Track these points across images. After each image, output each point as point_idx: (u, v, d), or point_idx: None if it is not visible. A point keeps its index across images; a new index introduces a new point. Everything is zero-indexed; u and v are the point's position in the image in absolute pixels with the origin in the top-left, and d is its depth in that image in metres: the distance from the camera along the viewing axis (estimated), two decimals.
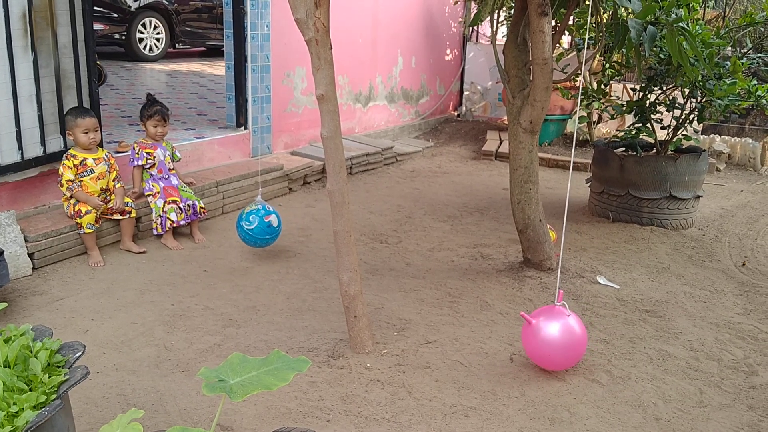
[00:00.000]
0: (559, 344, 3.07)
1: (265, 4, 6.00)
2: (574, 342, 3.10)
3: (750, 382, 3.21)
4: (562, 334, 3.07)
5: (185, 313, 3.73)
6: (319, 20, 2.98)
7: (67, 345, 2.16)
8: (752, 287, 4.34)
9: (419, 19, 8.60)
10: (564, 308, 3.13)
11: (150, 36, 11.01)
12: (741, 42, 6.96)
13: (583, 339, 3.14)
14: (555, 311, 3.12)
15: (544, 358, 3.15)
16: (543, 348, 3.11)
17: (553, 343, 3.07)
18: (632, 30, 3.76)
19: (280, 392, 2.97)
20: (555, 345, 3.07)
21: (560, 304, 3.14)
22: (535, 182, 4.25)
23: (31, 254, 4.10)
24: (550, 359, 3.14)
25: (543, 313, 3.15)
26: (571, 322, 3.09)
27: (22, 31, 4.13)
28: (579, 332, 3.11)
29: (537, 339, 3.10)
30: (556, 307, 3.14)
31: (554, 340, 3.07)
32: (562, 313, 3.11)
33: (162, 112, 4.75)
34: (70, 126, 4.34)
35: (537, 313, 3.17)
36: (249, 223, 4.28)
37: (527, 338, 3.15)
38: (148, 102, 4.78)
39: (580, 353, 3.17)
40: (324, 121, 3.15)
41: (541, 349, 3.12)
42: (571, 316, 3.11)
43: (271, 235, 4.36)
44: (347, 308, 3.31)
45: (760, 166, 7.66)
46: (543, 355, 3.13)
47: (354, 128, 7.79)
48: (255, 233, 4.29)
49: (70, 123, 4.33)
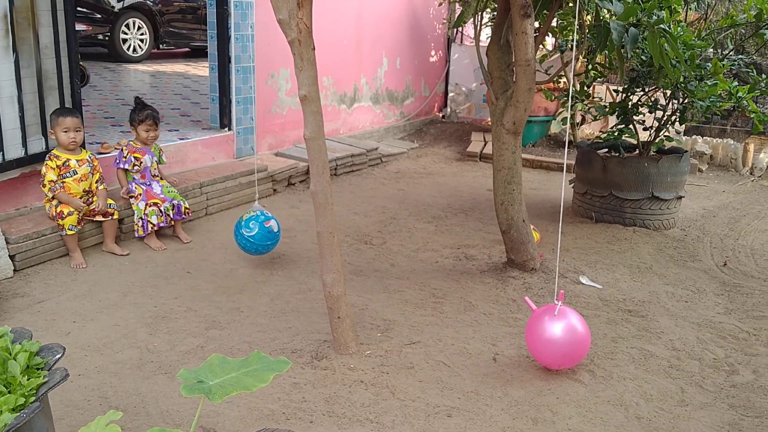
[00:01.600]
0: (567, 342, 3.10)
1: (249, 4, 5.99)
2: (580, 340, 3.14)
3: (731, 381, 3.23)
4: (570, 331, 3.10)
5: (168, 314, 3.71)
6: (301, 21, 2.98)
7: (47, 347, 2.15)
8: (733, 287, 4.38)
9: (404, 20, 8.61)
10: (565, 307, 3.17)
11: (134, 37, 10.95)
12: (722, 44, 7.02)
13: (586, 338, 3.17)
14: (560, 310, 3.15)
15: (550, 355, 3.17)
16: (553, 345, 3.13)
17: (564, 341, 3.10)
18: (614, 32, 3.78)
19: (263, 393, 2.96)
20: (564, 342, 3.10)
21: (559, 304, 3.16)
22: (519, 183, 4.27)
23: (12, 256, 4.07)
24: (556, 356, 3.16)
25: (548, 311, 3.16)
26: (573, 321, 3.13)
27: (4, 31, 4.10)
28: (582, 331, 3.14)
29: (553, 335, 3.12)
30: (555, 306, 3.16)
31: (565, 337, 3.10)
32: (566, 313, 3.13)
33: (153, 116, 4.72)
34: (52, 125, 4.31)
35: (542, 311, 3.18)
36: (249, 230, 4.19)
37: (537, 333, 3.16)
38: (138, 106, 4.74)
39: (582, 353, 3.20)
40: (307, 122, 3.14)
41: (551, 345, 3.13)
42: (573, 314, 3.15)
43: (272, 241, 4.28)
44: (331, 309, 3.31)
45: (741, 167, 7.73)
46: (551, 351, 3.15)
47: (339, 129, 7.78)
48: (256, 240, 4.20)
49: (52, 122, 4.31)
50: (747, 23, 5.18)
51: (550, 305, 3.20)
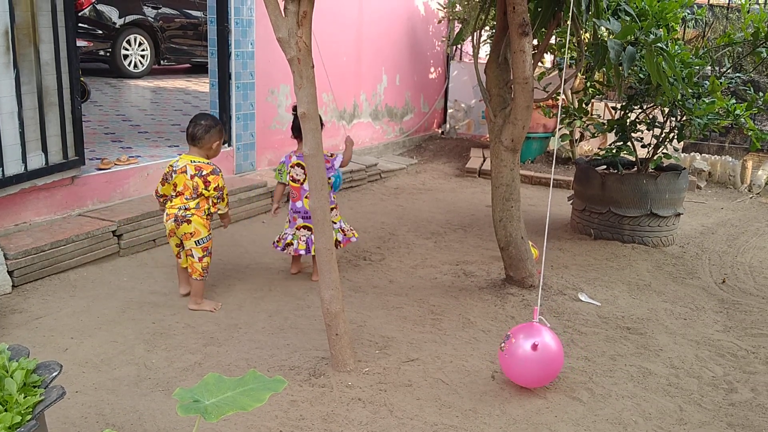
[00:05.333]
0: (536, 361, 3.10)
1: (249, 22, 6.03)
2: (551, 359, 3.12)
3: (729, 400, 3.23)
4: (540, 351, 3.09)
5: (166, 331, 3.70)
6: (301, 39, 3.00)
7: (44, 365, 2.14)
8: (732, 304, 4.38)
9: (403, 37, 8.66)
10: (542, 323, 3.17)
11: (135, 53, 11.00)
12: (720, 61, 7.06)
13: (559, 355, 3.16)
14: (533, 328, 3.15)
15: (520, 376, 3.17)
16: (519, 366, 3.13)
17: (529, 361, 3.10)
18: (611, 50, 3.81)
19: (261, 411, 2.95)
20: (531, 362, 3.10)
21: (537, 321, 3.17)
22: (517, 200, 4.28)
23: (10, 272, 4.07)
24: (526, 377, 3.16)
25: (522, 330, 3.17)
26: (547, 339, 3.12)
27: (4, 48, 4.12)
28: (555, 348, 3.13)
29: (515, 358, 3.12)
30: (534, 324, 3.17)
31: (530, 357, 3.09)
32: (540, 330, 3.14)
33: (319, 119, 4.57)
34: (218, 137, 4.03)
35: (516, 330, 3.19)
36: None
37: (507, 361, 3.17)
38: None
39: (557, 369, 3.19)
40: (306, 139, 3.16)
41: (518, 367, 3.14)
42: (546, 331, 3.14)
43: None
44: (329, 326, 3.30)
45: (740, 184, 7.75)
46: (519, 373, 3.16)
47: (338, 145, 7.80)
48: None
49: (220, 134, 4.05)
50: (744, 41, 5.21)
51: (526, 323, 3.23)
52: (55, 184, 4.66)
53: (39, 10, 4.32)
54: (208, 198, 3.94)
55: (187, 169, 3.91)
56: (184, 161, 3.93)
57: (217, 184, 3.93)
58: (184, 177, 3.90)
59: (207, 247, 3.99)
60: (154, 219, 4.90)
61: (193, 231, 3.92)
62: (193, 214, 3.90)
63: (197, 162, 3.93)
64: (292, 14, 2.98)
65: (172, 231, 3.95)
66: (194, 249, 3.95)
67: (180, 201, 3.92)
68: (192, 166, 3.91)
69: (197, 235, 3.93)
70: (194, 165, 3.92)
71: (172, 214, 3.91)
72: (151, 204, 5.03)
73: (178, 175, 3.91)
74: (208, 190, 3.91)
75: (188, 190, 3.90)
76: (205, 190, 3.91)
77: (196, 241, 3.93)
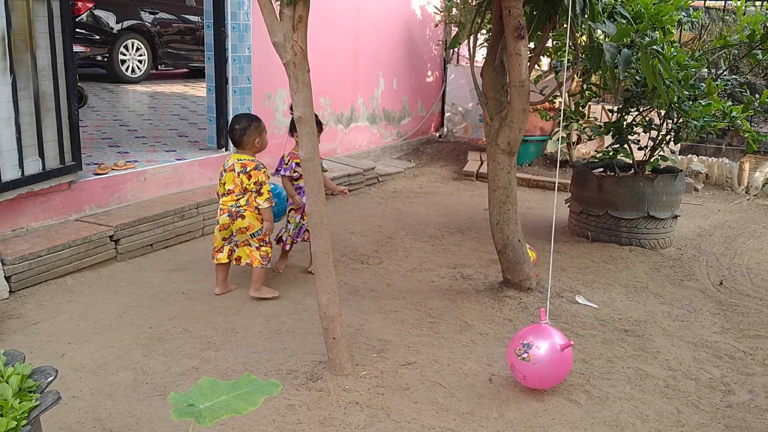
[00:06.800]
0: (560, 360, 3.10)
1: (246, 26, 6.04)
2: (569, 355, 3.13)
3: (727, 401, 3.23)
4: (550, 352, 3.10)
5: (163, 335, 3.70)
6: (296, 44, 3.01)
7: (40, 369, 2.14)
8: (729, 306, 4.38)
9: (400, 41, 8.67)
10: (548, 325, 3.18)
11: (132, 58, 11.01)
12: (716, 64, 7.08)
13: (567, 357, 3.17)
14: (544, 330, 3.15)
15: (549, 379, 3.18)
16: (550, 370, 3.13)
17: (557, 362, 3.11)
18: (607, 53, 3.82)
19: (257, 415, 2.95)
20: (559, 363, 3.11)
21: (545, 323, 3.17)
22: (514, 203, 4.28)
23: (8, 277, 4.07)
24: (552, 379, 3.17)
25: (534, 334, 3.16)
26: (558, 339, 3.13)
27: (1, 53, 4.12)
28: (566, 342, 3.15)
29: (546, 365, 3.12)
30: (542, 326, 3.17)
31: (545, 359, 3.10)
32: (550, 331, 3.15)
33: (318, 123, 4.61)
34: (259, 130, 4.20)
35: (531, 336, 3.18)
36: None
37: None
38: None
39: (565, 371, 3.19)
40: (302, 143, 3.17)
41: (549, 372, 3.14)
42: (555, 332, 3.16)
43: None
44: (326, 330, 3.30)
45: (737, 186, 7.76)
46: (550, 377, 3.16)
47: (336, 149, 7.81)
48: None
49: (260, 128, 4.21)
50: (740, 44, 5.22)
51: (534, 325, 3.23)
52: (52, 190, 4.66)
53: (36, 15, 4.32)
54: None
55: (234, 167, 4.12)
56: (233, 160, 4.16)
57: (257, 178, 4.12)
58: (232, 175, 4.12)
59: (263, 239, 4.22)
60: (151, 224, 4.90)
61: (247, 225, 4.14)
62: (245, 209, 4.12)
63: (243, 159, 4.15)
64: (287, 19, 2.99)
65: (225, 225, 4.15)
66: (251, 240, 4.20)
67: (231, 198, 4.13)
68: (239, 163, 4.13)
69: (252, 229, 4.16)
70: (240, 162, 4.13)
71: (226, 209, 4.13)
72: (148, 209, 5.03)
73: (227, 173, 4.14)
74: (249, 184, 4.10)
75: (237, 187, 4.12)
76: (248, 184, 4.10)
77: (252, 234, 4.17)
